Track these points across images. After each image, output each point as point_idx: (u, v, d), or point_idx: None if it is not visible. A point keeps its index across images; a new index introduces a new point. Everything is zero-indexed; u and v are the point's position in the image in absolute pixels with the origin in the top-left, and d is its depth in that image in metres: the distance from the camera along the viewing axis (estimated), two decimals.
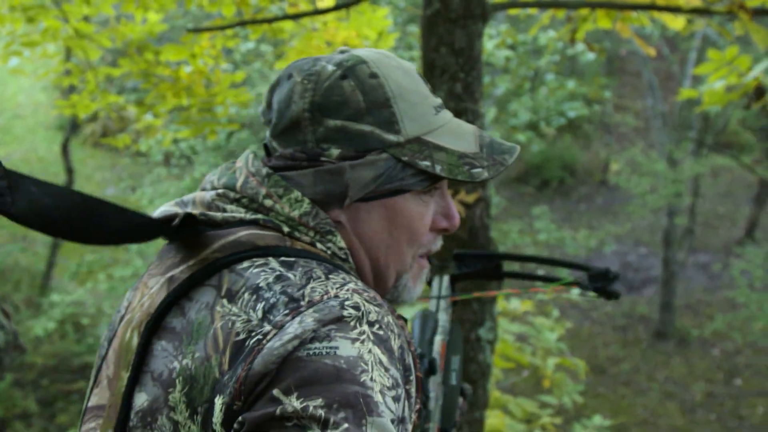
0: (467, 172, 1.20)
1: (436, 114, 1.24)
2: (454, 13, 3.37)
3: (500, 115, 11.70)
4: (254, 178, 1.21)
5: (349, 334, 1.01)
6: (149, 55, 5.31)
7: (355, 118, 1.17)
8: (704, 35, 13.42)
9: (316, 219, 1.18)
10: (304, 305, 1.03)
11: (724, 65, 4.52)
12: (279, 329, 1.01)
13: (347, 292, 1.06)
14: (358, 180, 1.18)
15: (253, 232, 1.15)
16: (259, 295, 1.07)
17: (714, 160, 15.70)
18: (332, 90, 1.18)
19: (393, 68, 1.22)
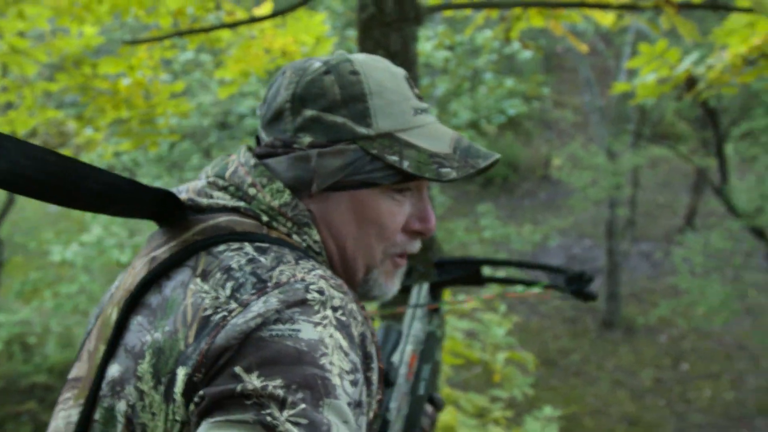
0: (435, 170, 1.21)
1: (415, 115, 1.26)
2: (389, 17, 3.41)
3: (441, 115, 11.76)
4: (243, 167, 1.25)
5: (312, 317, 1.03)
6: (87, 68, 5.26)
7: (330, 110, 1.21)
8: (637, 30, 13.65)
9: (294, 210, 1.22)
10: (270, 286, 1.07)
11: (655, 58, 4.63)
12: (244, 307, 1.05)
13: (314, 276, 1.09)
14: (325, 167, 1.21)
15: (233, 219, 1.20)
16: (230, 275, 1.10)
17: (652, 151, 15.98)
18: (314, 83, 1.22)
19: (377, 69, 1.25)
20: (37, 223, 15.37)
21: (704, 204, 17.06)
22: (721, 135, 12.90)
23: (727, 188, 12.34)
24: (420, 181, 1.27)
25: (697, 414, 11.81)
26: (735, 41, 4.46)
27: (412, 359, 1.74)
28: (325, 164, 1.21)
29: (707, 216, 16.88)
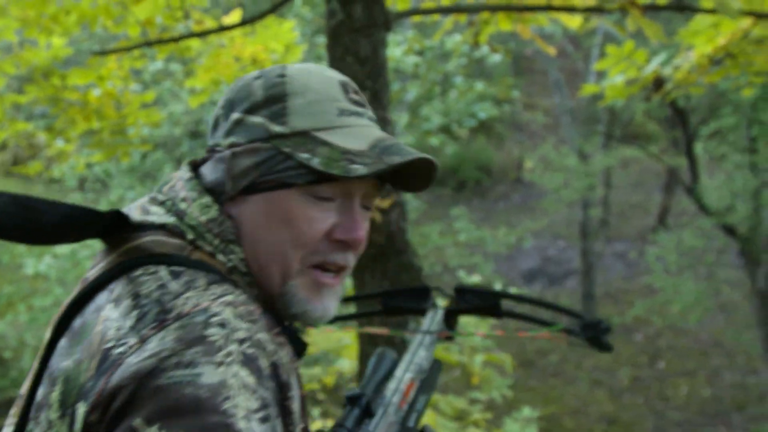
0: (344, 167, 1.15)
1: (340, 116, 1.22)
2: (358, 23, 3.43)
3: (413, 120, 11.79)
4: (180, 181, 1.25)
5: (214, 357, 0.99)
6: (56, 79, 5.23)
7: (251, 111, 1.21)
8: (605, 31, 13.75)
9: (221, 226, 1.19)
10: (171, 318, 1.03)
11: (622, 60, 4.68)
12: (142, 343, 1.02)
13: (220, 305, 1.05)
14: (238, 166, 1.19)
15: (155, 239, 1.17)
16: (137, 302, 1.08)
17: (623, 151, 16.08)
18: (244, 88, 1.24)
19: (308, 72, 1.24)
20: None
21: (676, 203, 17.20)
22: (691, 134, 13.01)
23: (698, 187, 12.45)
24: (348, 187, 1.21)
25: (675, 411, 11.89)
26: (700, 42, 4.51)
27: (408, 387, 1.66)
28: (238, 164, 1.20)
29: (679, 215, 17.01)
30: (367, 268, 3.54)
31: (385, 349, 1.65)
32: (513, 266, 16.64)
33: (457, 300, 1.96)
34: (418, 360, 1.73)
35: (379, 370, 1.61)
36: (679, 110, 12.51)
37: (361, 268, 3.55)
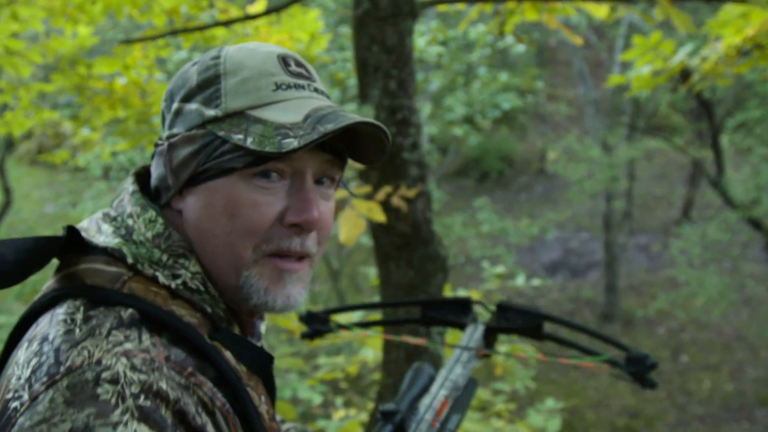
0: (277, 143, 1.08)
1: (276, 90, 1.16)
2: (384, 12, 3.42)
3: (436, 110, 11.78)
4: (127, 195, 1.19)
5: (110, 418, 0.93)
6: (82, 68, 5.26)
7: (187, 99, 1.17)
8: (630, 22, 13.65)
9: (168, 241, 1.14)
10: (61, 373, 0.98)
11: (649, 50, 4.64)
12: (32, 401, 0.97)
13: (114, 356, 0.99)
14: (177, 158, 1.15)
15: (91, 267, 1.11)
16: (40, 348, 1.03)
17: (647, 143, 15.98)
18: (181, 76, 1.19)
19: (245, 50, 1.18)
20: (33, 225, 15.36)
21: (701, 195, 17.08)
22: (716, 126, 12.90)
23: (723, 180, 12.35)
24: (294, 164, 1.15)
25: (697, 405, 11.83)
26: (729, 32, 4.46)
27: (442, 405, 1.60)
28: (176, 155, 1.15)
29: (704, 208, 16.89)
30: (392, 258, 3.54)
31: (422, 364, 1.63)
32: (535, 258, 16.59)
33: (499, 317, 1.89)
34: (453, 377, 1.68)
35: (414, 386, 1.60)
36: (704, 102, 12.40)
37: (386, 258, 3.55)
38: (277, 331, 9.43)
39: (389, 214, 3.41)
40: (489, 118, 12.29)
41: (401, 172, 3.44)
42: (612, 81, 5.31)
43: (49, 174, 18.12)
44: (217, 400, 1.06)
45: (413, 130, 3.46)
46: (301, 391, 7.07)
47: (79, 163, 11.44)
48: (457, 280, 14.74)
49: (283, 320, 4.35)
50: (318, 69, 10.62)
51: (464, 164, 19.84)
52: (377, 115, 3.42)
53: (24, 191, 16.99)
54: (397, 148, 3.43)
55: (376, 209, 3.18)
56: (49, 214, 16.22)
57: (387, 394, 3.64)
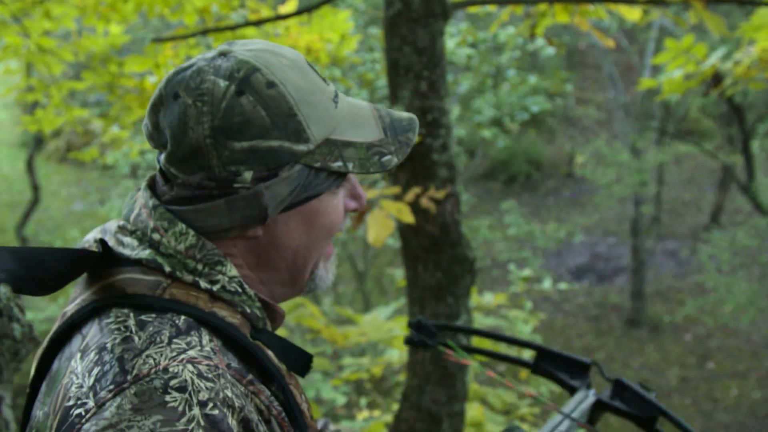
0: (378, 162, 1.18)
1: (336, 107, 1.20)
2: (416, 13, 3.41)
3: (464, 112, 11.75)
4: (144, 209, 1.17)
5: (176, 426, 0.94)
6: (113, 67, 5.29)
7: (262, 136, 1.11)
8: (661, 25, 13.58)
9: (202, 251, 1.14)
10: (129, 380, 0.99)
11: (681, 54, 4.60)
12: (99, 408, 0.97)
13: (180, 363, 1.01)
14: (275, 198, 1.15)
15: (129, 277, 1.12)
16: (100, 357, 1.04)
17: (677, 148, 15.87)
18: (232, 110, 1.10)
19: (287, 69, 1.16)
20: (61, 222, 15.50)
21: (730, 201, 16.94)
22: (747, 131, 12.80)
23: (753, 185, 12.24)
24: None
25: (724, 413, 11.72)
26: (763, 36, 4.42)
27: None
28: (273, 195, 1.14)
29: (733, 213, 16.75)
30: (419, 260, 3.53)
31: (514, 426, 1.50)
32: (561, 262, 16.51)
33: (613, 393, 1.75)
34: None
35: None
36: (735, 106, 12.31)
37: (414, 260, 3.54)
38: (302, 331, 9.45)
39: (418, 215, 3.40)
40: (517, 120, 12.25)
41: (430, 173, 3.43)
42: (643, 84, 5.27)
43: (78, 171, 18.26)
44: (274, 408, 1.09)
45: (443, 132, 3.45)
46: (324, 392, 7.08)
47: (108, 161, 11.51)
48: (483, 283, 14.71)
49: (309, 320, 4.36)
50: (347, 70, 10.63)
51: (492, 167, 19.81)
52: None
53: (53, 189, 17.14)
54: (427, 149, 3.42)
55: (405, 210, 3.17)
56: (77, 211, 16.34)
57: (412, 395, 3.63)
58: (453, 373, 3.56)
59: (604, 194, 15.75)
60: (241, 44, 1.19)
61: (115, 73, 5.38)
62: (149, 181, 1.23)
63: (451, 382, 3.55)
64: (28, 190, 12.48)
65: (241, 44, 1.19)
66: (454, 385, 3.56)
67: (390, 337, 4.61)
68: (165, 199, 1.18)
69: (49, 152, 18.26)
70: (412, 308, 3.61)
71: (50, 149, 18.20)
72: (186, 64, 1.18)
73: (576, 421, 1.64)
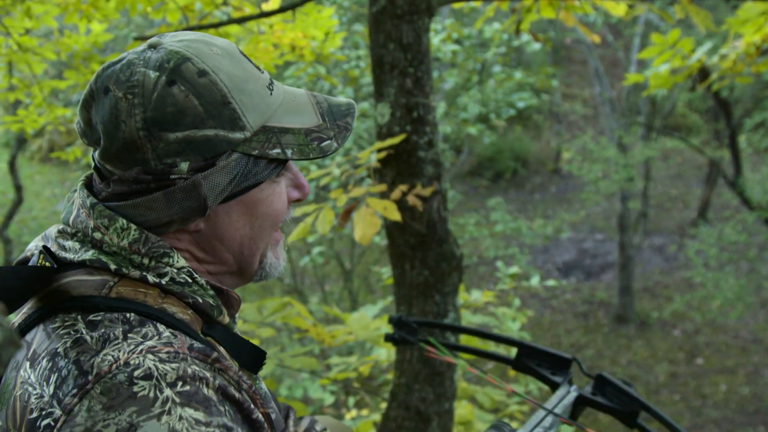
0: (317, 147, 1.18)
1: (271, 94, 1.19)
2: (400, 9, 3.38)
3: (450, 109, 11.73)
4: (83, 210, 1.15)
5: (152, 410, 0.95)
6: (95, 65, 5.25)
7: (196, 126, 1.10)
8: (646, 20, 13.59)
9: (147, 244, 1.12)
10: (91, 381, 0.98)
11: (667, 49, 4.59)
12: (67, 414, 0.96)
13: (140, 355, 1.00)
14: (214, 188, 1.13)
15: (75, 279, 1.10)
16: (54, 363, 1.02)
17: (663, 143, 15.92)
18: (163, 101, 1.09)
19: (218, 57, 1.14)
20: (45, 223, 15.42)
21: (717, 196, 17.00)
22: (734, 126, 12.82)
23: (740, 180, 12.28)
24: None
25: (713, 409, 11.75)
26: (749, 30, 4.42)
27: None
28: (212, 185, 1.13)
29: (721, 208, 16.81)
30: (406, 258, 3.49)
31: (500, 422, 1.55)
32: (549, 258, 16.53)
33: (595, 389, 1.75)
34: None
35: None
36: (722, 101, 12.33)
37: (401, 258, 3.51)
38: (289, 331, 9.42)
39: (404, 213, 3.37)
40: (503, 117, 12.24)
41: (417, 170, 3.40)
42: (630, 80, 5.26)
43: (61, 171, 18.18)
44: (243, 383, 1.09)
45: (429, 129, 3.41)
46: (312, 391, 7.05)
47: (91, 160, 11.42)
48: (471, 281, 14.70)
49: (296, 319, 4.32)
50: (332, 67, 10.59)
51: (478, 164, 19.82)
52: (393, 113, 3.38)
53: (36, 189, 17.06)
54: (413, 146, 3.38)
55: (391, 208, 3.14)
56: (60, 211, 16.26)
57: (400, 394, 3.60)
58: (441, 371, 3.53)
59: (591, 190, 15.78)
60: (172, 36, 1.18)
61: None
62: (85, 180, 1.21)
63: (439, 381, 3.52)
64: (11, 190, 12.40)
65: (172, 36, 1.18)
66: (442, 384, 3.54)
67: (377, 335, 4.58)
68: (102, 197, 1.15)
69: (32, 152, 18.17)
70: (399, 307, 3.58)
71: (33, 149, 18.10)
72: (116, 58, 1.15)
73: (559, 417, 1.64)
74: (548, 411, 1.64)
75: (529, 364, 1.82)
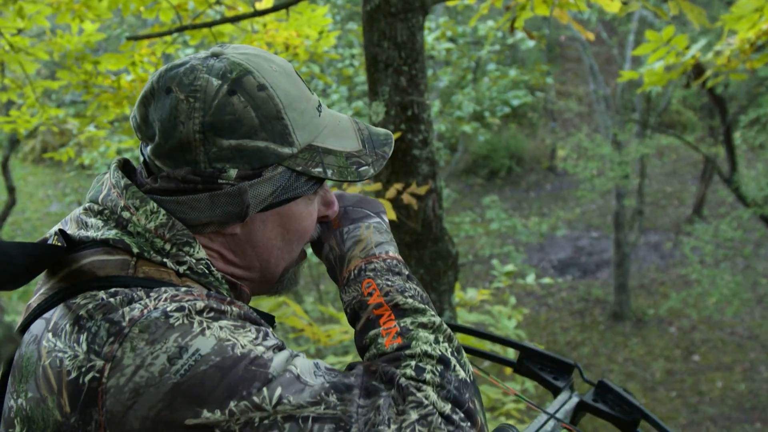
0: (355, 172, 1.23)
1: (320, 115, 1.24)
2: (394, 7, 3.36)
3: (445, 107, 11.72)
4: (115, 189, 1.19)
5: (193, 329, 1.01)
6: (88, 65, 5.22)
7: (249, 136, 1.14)
8: (641, 17, 13.59)
9: (172, 230, 1.16)
10: (126, 326, 1.01)
11: (662, 46, 4.58)
12: (110, 361, 0.99)
13: (165, 301, 1.05)
14: (257, 197, 1.18)
15: (97, 259, 1.13)
16: (80, 326, 1.04)
17: (658, 140, 15.92)
18: (223, 108, 1.13)
19: (277, 74, 1.19)
20: (38, 224, 15.38)
21: (713, 193, 17.01)
22: (729, 123, 12.82)
23: (735, 177, 12.27)
24: None
25: (710, 406, 11.75)
26: (743, 27, 4.41)
27: None
28: (255, 194, 1.17)
29: (716, 205, 16.82)
30: (402, 256, 3.48)
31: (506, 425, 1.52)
32: (544, 256, 16.54)
33: (596, 395, 1.75)
34: None
35: None
36: (717, 98, 12.33)
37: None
38: (285, 330, 9.40)
39: (399, 211, 3.36)
40: (498, 115, 12.23)
41: (411, 169, 3.38)
42: (624, 77, 5.25)
43: (54, 172, 18.14)
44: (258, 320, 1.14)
45: (424, 127, 3.40)
46: None
47: (85, 161, 11.41)
48: (466, 279, 14.70)
49: (292, 319, 4.30)
50: (326, 66, 10.57)
51: (473, 162, 19.81)
52: (387, 112, 3.37)
53: (29, 190, 17.01)
54: (408, 145, 3.37)
55: (387, 207, 3.12)
56: (53, 212, 16.23)
57: None
58: None
59: (587, 188, 15.78)
60: (233, 48, 1.22)
61: (91, 71, 5.31)
62: (118, 163, 1.25)
63: None
64: (4, 192, 12.36)
65: (233, 48, 1.22)
66: None
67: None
68: (146, 189, 1.19)
69: (25, 153, 18.12)
70: None
71: (26, 150, 18.05)
72: (179, 61, 1.20)
73: (561, 422, 1.64)
74: (550, 415, 1.64)
75: (531, 368, 1.82)
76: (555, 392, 1.75)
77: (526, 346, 1.83)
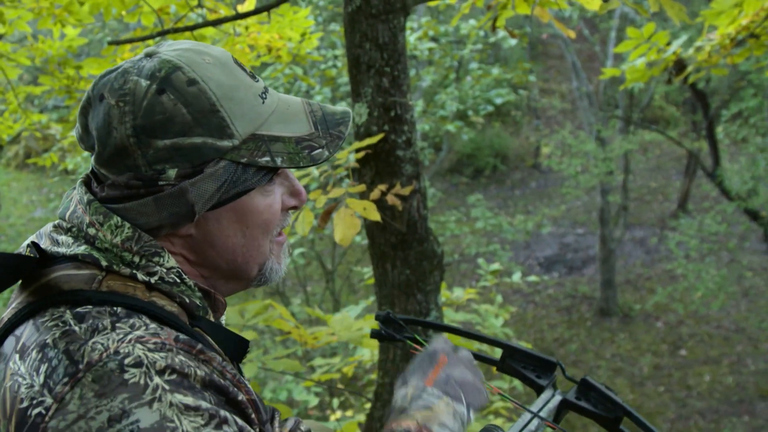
0: (308, 156, 1.20)
1: (263, 102, 1.21)
2: (376, 9, 3.36)
3: (428, 107, 11.73)
4: (80, 206, 1.18)
5: (144, 397, 0.97)
6: (70, 70, 5.21)
7: (184, 133, 1.12)
8: (622, 14, 13.64)
9: (139, 243, 1.15)
10: (82, 369, 0.99)
11: (643, 42, 4.60)
12: (59, 402, 0.98)
13: (128, 344, 1.02)
14: (202, 195, 1.15)
15: (65, 274, 1.12)
16: (44, 354, 1.03)
17: (642, 136, 15.97)
18: (153, 108, 1.12)
19: (210, 66, 1.17)
20: (22, 230, 15.31)
21: (697, 187, 17.08)
22: (711, 117, 12.89)
23: (719, 171, 12.34)
24: None
25: (697, 400, 11.80)
26: (723, 22, 4.43)
27: None
28: (200, 192, 1.15)
29: (700, 199, 16.89)
30: (387, 257, 3.48)
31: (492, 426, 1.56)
32: (530, 254, 16.56)
33: (579, 393, 1.74)
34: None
35: None
36: (699, 93, 12.39)
37: (382, 257, 3.50)
38: (272, 333, 9.38)
39: (384, 212, 3.36)
40: (481, 113, 12.25)
41: (395, 169, 3.39)
42: (607, 73, 5.27)
43: (38, 178, 18.06)
44: (227, 372, 1.11)
45: (407, 128, 3.40)
46: (296, 394, 7.02)
47: (68, 166, 11.36)
48: (453, 278, 14.71)
49: (278, 322, 4.30)
50: (309, 68, 10.56)
51: (457, 161, 19.83)
52: (370, 113, 3.37)
53: (12, 196, 16.93)
54: (391, 145, 3.37)
55: (371, 208, 3.13)
56: (38, 218, 16.15)
57: (384, 394, 3.59)
58: None
59: (571, 184, 15.82)
60: (168, 45, 1.20)
61: (73, 76, 5.29)
62: (84, 178, 1.24)
63: None
64: None
65: (168, 45, 1.20)
66: None
67: (360, 336, 4.56)
68: (98, 199, 1.19)
69: (8, 159, 18.04)
70: (381, 306, 3.57)
71: (9, 156, 17.97)
72: (114, 67, 1.19)
73: (544, 420, 1.64)
74: (534, 414, 1.64)
75: (514, 366, 1.81)
76: (538, 390, 1.75)
77: (509, 344, 1.83)
